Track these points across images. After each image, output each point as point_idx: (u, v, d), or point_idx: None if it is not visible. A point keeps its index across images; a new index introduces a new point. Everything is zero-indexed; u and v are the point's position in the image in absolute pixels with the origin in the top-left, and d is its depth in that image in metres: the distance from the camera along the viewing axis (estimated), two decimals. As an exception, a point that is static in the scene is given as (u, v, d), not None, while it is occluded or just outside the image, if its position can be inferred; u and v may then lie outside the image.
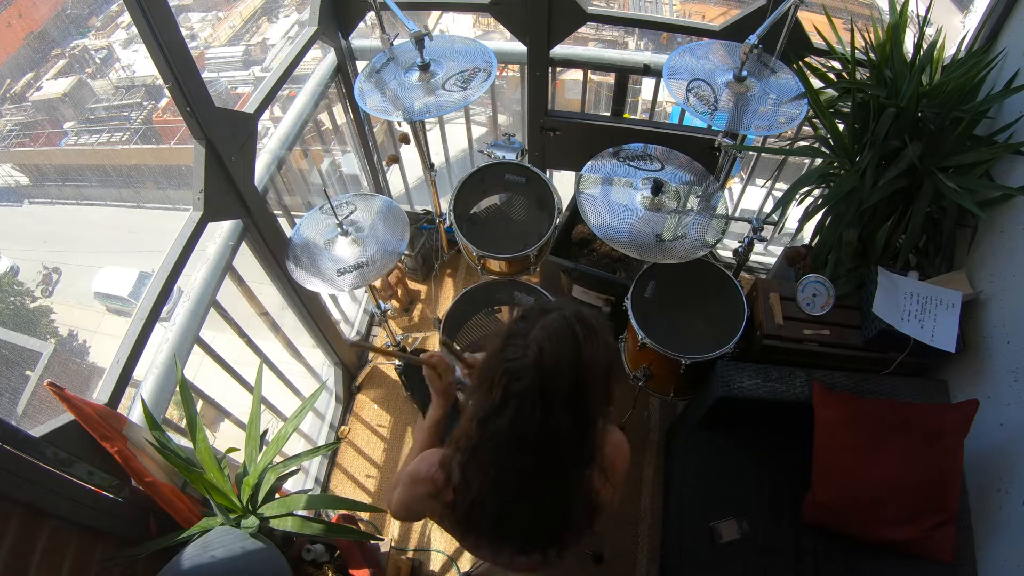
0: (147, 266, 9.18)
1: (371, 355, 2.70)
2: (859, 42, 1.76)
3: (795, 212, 2.03)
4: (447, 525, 0.99)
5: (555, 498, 0.86)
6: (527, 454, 0.82)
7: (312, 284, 1.70)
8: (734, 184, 2.69)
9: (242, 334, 1.84)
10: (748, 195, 2.72)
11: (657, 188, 1.81)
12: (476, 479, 0.87)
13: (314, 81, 2.18)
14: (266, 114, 1.76)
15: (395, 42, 1.93)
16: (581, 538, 0.92)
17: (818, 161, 2.03)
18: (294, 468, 1.63)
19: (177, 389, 1.46)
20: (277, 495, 1.57)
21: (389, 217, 1.82)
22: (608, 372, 0.84)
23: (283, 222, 1.98)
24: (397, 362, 2.36)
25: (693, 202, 1.88)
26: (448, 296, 2.84)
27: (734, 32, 1.91)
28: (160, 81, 1.34)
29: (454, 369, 1.16)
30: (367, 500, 2.33)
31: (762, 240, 2.76)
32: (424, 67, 1.81)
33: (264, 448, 1.56)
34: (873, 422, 1.62)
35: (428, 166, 2.14)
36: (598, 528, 0.93)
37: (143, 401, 1.38)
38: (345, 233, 1.75)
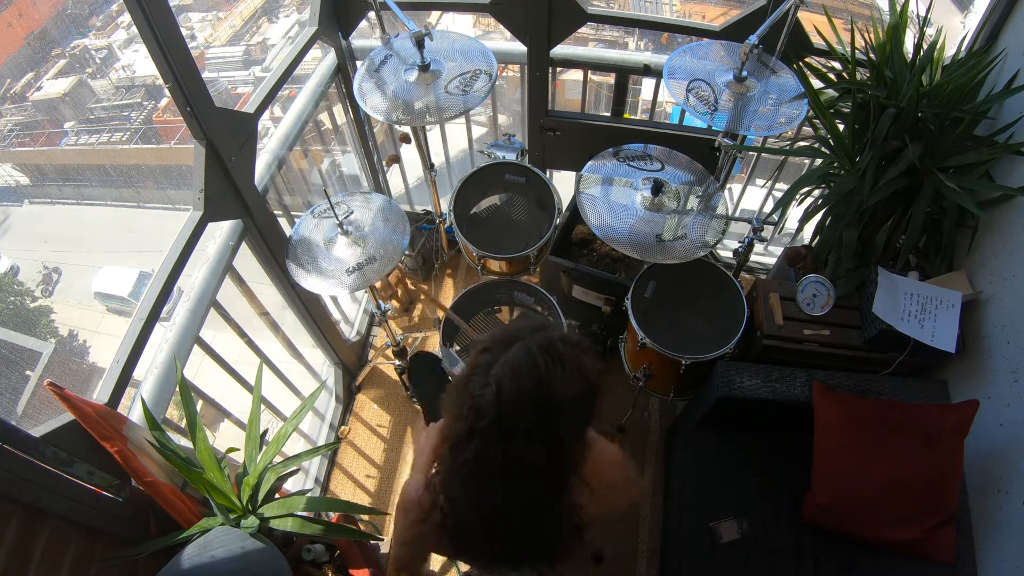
0: (147, 266, 9.19)
1: (371, 355, 2.70)
2: (859, 42, 1.76)
3: (795, 212, 2.03)
4: (441, 548, 0.99)
5: (535, 521, 0.86)
6: (496, 482, 0.82)
7: (312, 284, 1.70)
8: (734, 184, 2.69)
9: (242, 334, 1.84)
10: (748, 195, 2.72)
11: (657, 188, 1.81)
12: (457, 500, 0.87)
13: (314, 81, 2.18)
14: (266, 114, 1.75)
15: (395, 42, 1.93)
16: (571, 555, 0.91)
17: (818, 161, 2.03)
18: (294, 468, 1.63)
19: (177, 389, 1.45)
20: (277, 495, 1.57)
21: (390, 216, 1.82)
22: (581, 399, 0.82)
23: (283, 222, 1.98)
24: (397, 362, 2.36)
25: (693, 202, 1.88)
26: (448, 296, 2.84)
27: (734, 32, 1.91)
28: (160, 81, 1.34)
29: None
30: (367, 500, 2.33)
31: (762, 240, 2.76)
32: (424, 67, 1.81)
33: (264, 448, 1.56)
34: (873, 422, 1.62)
35: (428, 166, 2.14)
36: (589, 539, 0.92)
37: (143, 401, 1.38)
38: (345, 233, 1.75)
